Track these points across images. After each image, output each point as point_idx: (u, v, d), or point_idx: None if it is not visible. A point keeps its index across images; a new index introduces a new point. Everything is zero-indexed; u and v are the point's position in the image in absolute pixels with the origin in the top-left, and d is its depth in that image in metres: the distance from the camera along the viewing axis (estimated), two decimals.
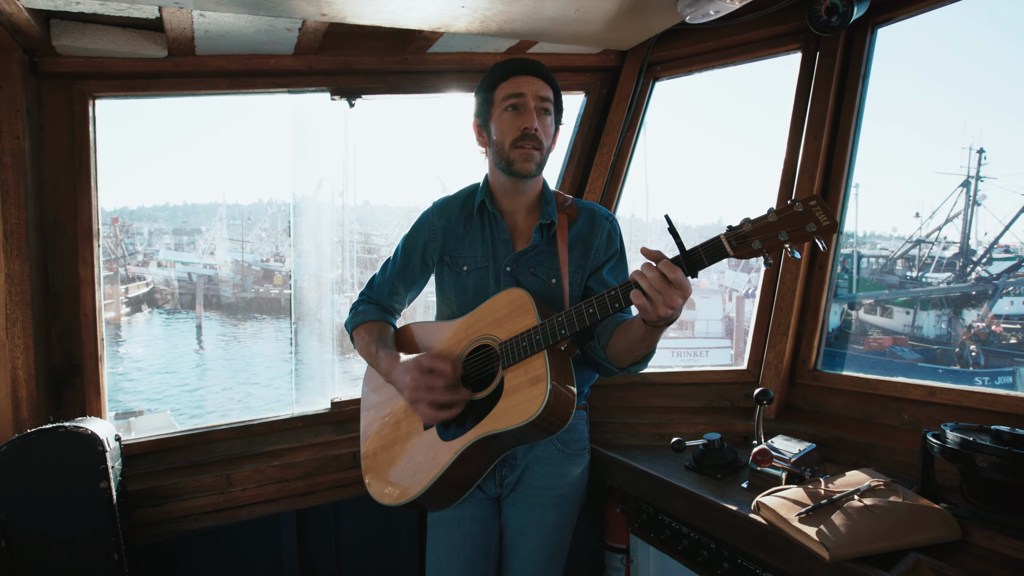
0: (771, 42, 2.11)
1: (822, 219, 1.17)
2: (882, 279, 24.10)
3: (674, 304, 1.29)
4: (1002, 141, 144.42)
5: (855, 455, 1.79)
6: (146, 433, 2.00)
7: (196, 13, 1.66)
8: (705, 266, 1.28)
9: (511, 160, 1.61)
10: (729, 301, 24.61)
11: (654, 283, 1.27)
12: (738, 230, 1.24)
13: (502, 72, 1.64)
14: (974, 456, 1.31)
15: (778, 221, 1.21)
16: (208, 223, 47.88)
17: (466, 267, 1.72)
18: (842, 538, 1.28)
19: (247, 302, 34.21)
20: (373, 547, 2.28)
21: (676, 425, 2.06)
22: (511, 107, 1.61)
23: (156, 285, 35.10)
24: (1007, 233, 23.18)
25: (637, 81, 2.28)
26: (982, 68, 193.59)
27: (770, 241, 1.21)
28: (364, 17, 1.76)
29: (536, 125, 1.60)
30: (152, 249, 44.45)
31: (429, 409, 1.54)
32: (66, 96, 1.88)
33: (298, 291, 2.38)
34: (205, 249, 41.68)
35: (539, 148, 1.61)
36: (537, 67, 1.64)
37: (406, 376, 1.56)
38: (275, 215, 48.16)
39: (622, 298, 1.36)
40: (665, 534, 1.82)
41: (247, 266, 36.33)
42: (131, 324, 30.47)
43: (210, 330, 29.94)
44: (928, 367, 18.11)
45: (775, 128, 2.42)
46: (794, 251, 1.21)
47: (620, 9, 1.82)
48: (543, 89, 1.62)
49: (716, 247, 1.26)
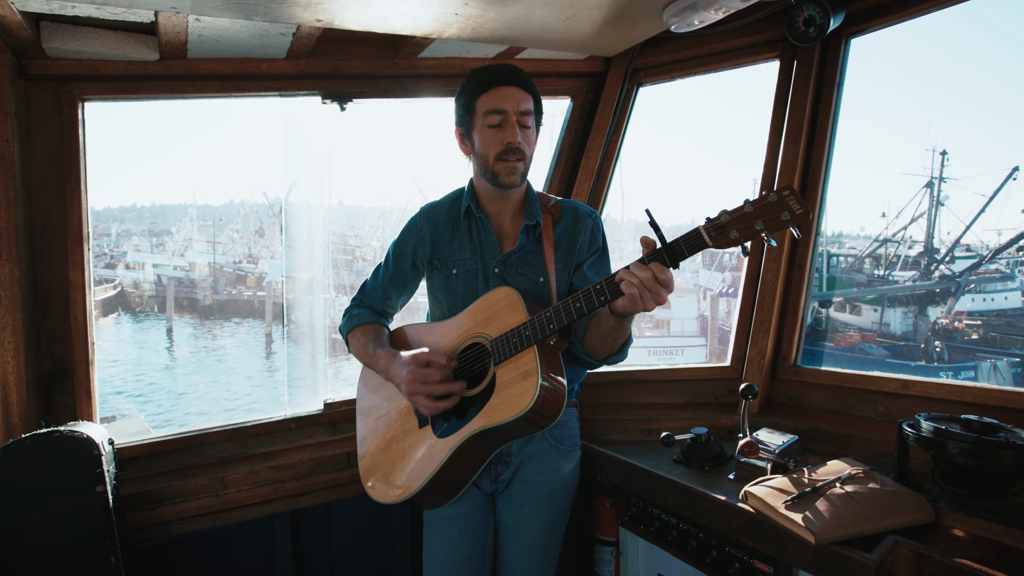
0: (751, 50, 2.19)
1: (795, 207, 1.23)
2: (851, 277, 24.72)
3: (662, 301, 1.36)
4: (964, 143, 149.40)
5: (835, 445, 1.88)
6: (121, 439, 1.99)
7: (192, 17, 1.67)
8: (686, 257, 1.34)
9: (496, 173, 1.65)
10: (704, 300, 25.00)
11: (646, 282, 1.34)
12: (716, 221, 1.30)
13: (482, 82, 1.65)
14: (946, 443, 1.40)
15: (754, 211, 1.27)
16: (178, 224, 46.84)
17: (455, 270, 1.76)
18: (826, 523, 1.36)
19: (220, 304, 33.59)
20: (367, 547, 2.29)
21: (663, 421, 2.12)
22: (493, 123, 1.63)
23: (124, 287, 34.27)
24: (968, 232, 24.03)
25: (622, 87, 2.34)
26: (948, 68, 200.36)
27: (747, 231, 1.27)
28: (359, 23, 1.79)
29: (519, 139, 1.63)
30: (120, 251, 43.33)
31: (427, 400, 1.58)
32: (55, 99, 1.86)
33: (288, 292, 2.39)
34: (175, 251, 40.79)
35: (523, 159, 1.65)
36: (516, 76, 1.64)
37: (403, 370, 1.60)
38: (247, 216, 47.28)
39: (608, 292, 1.41)
40: (655, 526, 1.88)
41: (219, 268, 35.68)
42: (99, 328, 29.57)
43: (182, 333, 29.35)
44: (896, 363, 18.61)
45: (754, 130, 2.48)
46: (770, 239, 1.27)
47: (608, 17, 1.88)
48: (523, 102, 1.63)
49: (696, 238, 1.32)
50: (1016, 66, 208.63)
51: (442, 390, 1.57)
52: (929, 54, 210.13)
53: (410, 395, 1.61)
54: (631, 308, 1.39)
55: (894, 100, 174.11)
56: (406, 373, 1.59)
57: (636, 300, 1.36)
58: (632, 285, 1.35)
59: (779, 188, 1.25)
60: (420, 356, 1.61)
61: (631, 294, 1.36)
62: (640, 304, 1.36)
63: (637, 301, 1.36)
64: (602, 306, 1.44)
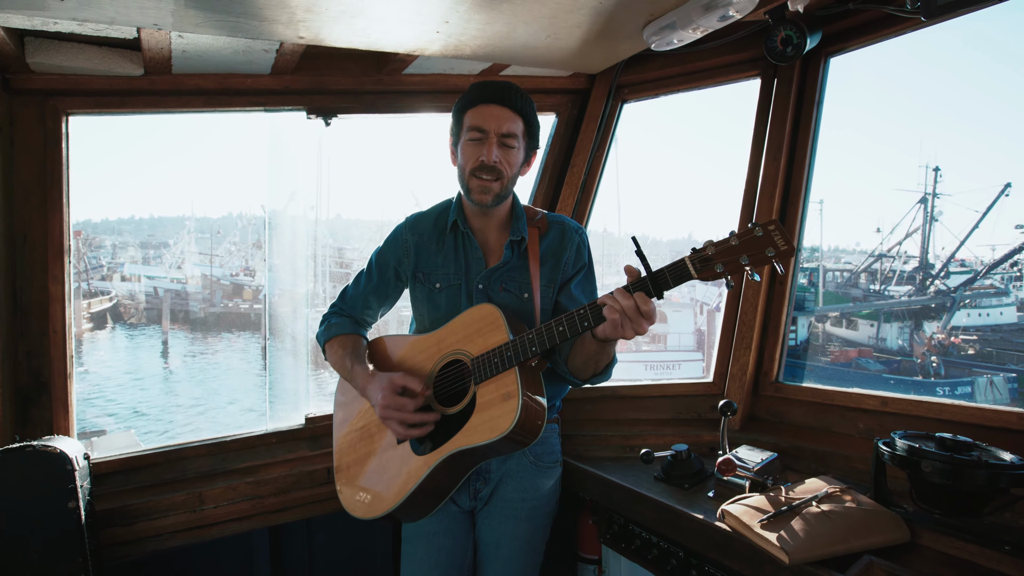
0: (733, 68, 2.22)
1: (780, 244, 1.24)
2: (846, 292, 24.80)
3: (642, 331, 1.36)
4: (958, 158, 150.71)
5: (814, 463, 1.87)
6: (110, 452, 1.98)
7: (175, 34, 1.69)
8: (670, 287, 1.34)
9: (469, 188, 1.66)
10: (700, 314, 24.99)
11: (628, 311, 1.34)
12: (702, 253, 1.30)
13: (472, 98, 1.65)
14: (920, 462, 1.39)
15: (739, 245, 1.27)
16: (175, 236, 46.81)
17: (439, 284, 1.75)
18: (800, 543, 1.35)
19: (216, 317, 33.47)
20: (347, 563, 2.27)
21: (646, 437, 2.11)
22: (473, 139, 1.64)
23: (120, 300, 34.15)
24: (962, 248, 24.17)
25: (606, 103, 2.36)
26: (941, 82, 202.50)
27: (732, 264, 1.27)
28: (341, 40, 1.80)
29: (495, 158, 1.61)
30: (117, 263, 43.27)
31: (400, 427, 1.58)
32: (39, 112, 1.87)
33: (271, 306, 2.38)
34: (172, 263, 40.73)
35: (499, 179, 1.64)
36: (506, 96, 1.63)
37: (378, 394, 1.60)
38: (245, 228, 47.30)
39: (591, 318, 1.41)
40: (635, 544, 1.86)
41: (216, 280, 35.60)
42: (94, 340, 29.54)
43: (177, 346, 29.18)
44: (893, 378, 18.61)
45: (745, 142, 2.48)
46: (754, 274, 1.27)
47: (589, 35, 1.90)
48: (507, 123, 1.62)
49: (681, 270, 1.32)
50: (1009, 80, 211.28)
51: (414, 419, 1.57)
52: (924, 68, 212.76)
53: (383, 419, 1.61)
54: (612, 334, 1.39)
55: (887, 114, 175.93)
56: (380, 398, 1.59)
57: (617, 326, 1.36)
58: (614, 311, 1.36)
59: (765, 222, 1.25)
60: (396, 381, 1.59)
61: (612, 319, 1.36)
62: (621, 331, 1.36)
63: (618, 328, 1.36)
64: (585, 331, 1.44)
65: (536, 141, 1.73)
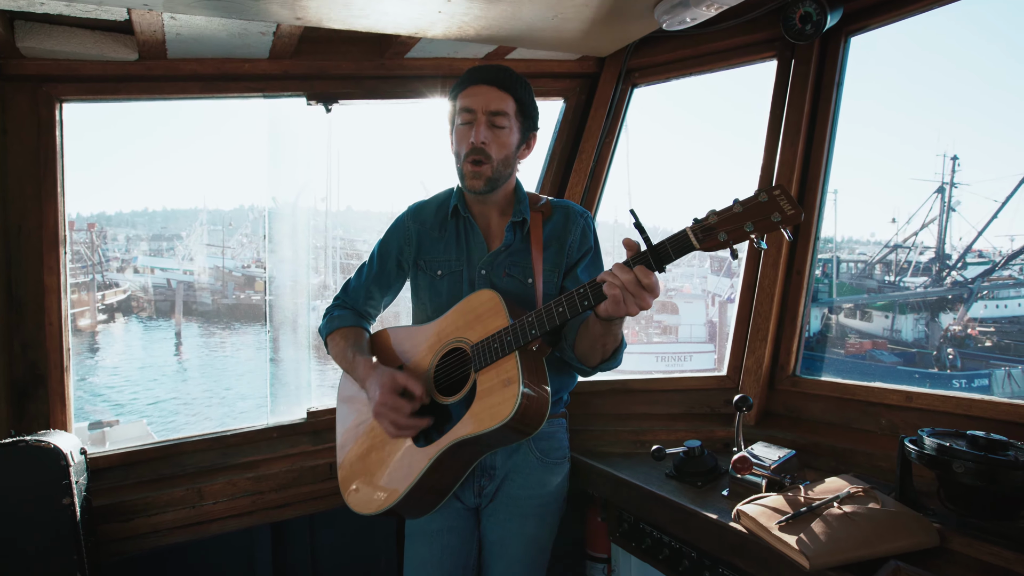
0: (747, 49, 2.12)
1: (786, 208, 1.17)
2: (861, 283, 24.45)
3: (646, 305, 1.29)
4: (975, 148, 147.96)
5: (834, 461, 1.79)
6: (121, 443, 1.94)
7: (167, 16, 1.63)
8: (672, 260, 1.27)
9: (463, 174, 1.62)
10: (712, 306, 24.81)
11: (628, 285, 1.28)
12: (704, 222, 1.23)
13: (462, 81, 1.62)
14: (951, 462, 1.31)
15: (743, 212, 1.20)
16: (188, 229, 47.12)
17: (440, 271, 1.71)
18: (822, 546, 1.28)
19: (228, 308, 33.69)
20: (351, 561, 2.23)
21: (657, 432, 2.04)
22: (465, 122, 1.60)
23: (133, 292, 34.44)
24: (980, 238, 23.70)
25: (615, 87, 2.28)
26: (956, 75, 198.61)
27: (736, 232, 1.20)
28: (339, 21, 1.74)
29: (483, 139, 1.56)
30: (130, 255, 43.62)
31: (391, 427, 1.55)
32: (32, 99, 1.83)
33: (275, 298, 2.33)
34: (184, 255, 41.02)
35: (488, 162, 1.58)
36: (494, 75, 1.59)
37: (376, 390, 1.56)
38: (256, 220, 47.45)
39: (591, 296, 1.35)
40: (646, 543, 1.80)
41: (228, 272, 35.82)
42: (107, 331, 29.87)
43: (189, 337, 29.44)
44: (907, 370, 18.38)
45: (757, 130, 2.40)
46: (760, 242, 1.20)
47: (598, 15, 1.82)
48: (495, 101, 1.57)
49: (682, 241, 1.25)
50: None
51: (408, 423, 1.54)
52: (938, 60, 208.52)
53: (376, 415, 1.57)
54: (615, 311, 1.32)
55: (903, 105, 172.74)
56: (378, 394, 1.55)
57: (619, 302, 1.29)
58: (614, 286, 1.29)
59: (770, 188, 1.19)
60: (399, 381, 1.55)
61: (613, 295, 1.29)
62: (623, 307, 1.29)
63: (620, 304, 1.29)
64: (586, 310, 1.38)
65: (533, 122, 1.67)
